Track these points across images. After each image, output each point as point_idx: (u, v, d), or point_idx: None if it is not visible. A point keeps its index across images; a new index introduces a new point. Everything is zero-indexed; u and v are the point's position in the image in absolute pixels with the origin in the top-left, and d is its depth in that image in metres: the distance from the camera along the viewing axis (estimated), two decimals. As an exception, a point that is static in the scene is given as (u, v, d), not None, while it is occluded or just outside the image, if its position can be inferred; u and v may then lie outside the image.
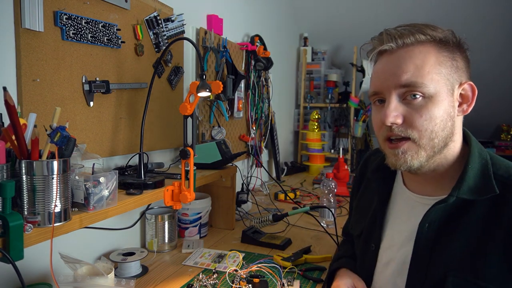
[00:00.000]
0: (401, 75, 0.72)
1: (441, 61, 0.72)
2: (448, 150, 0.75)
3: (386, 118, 0.72)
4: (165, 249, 1.37)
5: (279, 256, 1.27)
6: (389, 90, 0.74)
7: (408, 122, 0.72)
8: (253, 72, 2.28)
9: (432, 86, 0.71)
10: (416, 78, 0.71)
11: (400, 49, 0.74)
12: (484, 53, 3.21)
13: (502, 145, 3.44)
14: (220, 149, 1.53)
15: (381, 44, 0.75)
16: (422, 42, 0.73)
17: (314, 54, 3.58)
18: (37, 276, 1.01)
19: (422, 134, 0.72)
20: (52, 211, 0.79)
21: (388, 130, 0.75)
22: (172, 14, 1.50)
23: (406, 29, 0.74)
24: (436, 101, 0.71)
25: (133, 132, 1.33)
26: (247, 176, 2.36)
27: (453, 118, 0.74)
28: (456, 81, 0.74)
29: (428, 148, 0.73)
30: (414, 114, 0.72)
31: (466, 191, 0.72)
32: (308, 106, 3.37)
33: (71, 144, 0.81)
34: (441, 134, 0.72)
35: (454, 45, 0.75)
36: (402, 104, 0.73)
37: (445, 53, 0.73)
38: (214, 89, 1.11)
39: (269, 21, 2.77)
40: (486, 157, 0.76)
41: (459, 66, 0.75)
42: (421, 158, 0.73)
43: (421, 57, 0.72)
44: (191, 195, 1.11)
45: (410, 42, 0.73)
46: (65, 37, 1.04)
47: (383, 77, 0.75)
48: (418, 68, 0.71)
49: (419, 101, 0.72)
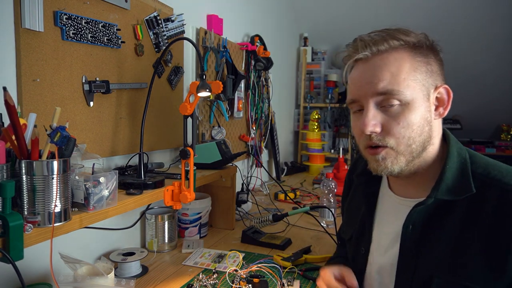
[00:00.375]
0: (378, 83, 0.72)
1: (416, 67, 0.72)
2: (427, 153, 0.76)
3: (365, 128, 0.73)
4: (165, 249, 1.37)
5: (279, 256, 1.27)
6: (367, 98, 0.74)
7: (386, 130, 0.73)
8: (253, 72, 2.28)
9: (408, 93, 0.71)
10: (392, 86, 0.71)
11: (375, 57, 0.74)
12: (484, 53, 3.21)
13: (502, 145, 3.44)
14: (220, 149, 1.53)
15: (356, 52, 0.75)
16: (396, 48, 0.73)
17: (314, 54, 3.58)
18: (37, 276, 1.01)
19: (399, 141, 0.73)
20: (52, 211, 0.79)
21: (367, 139, 0.75)
22: (172, 14, 1.50)
23: (379, 35, 0.74)
24: (413, 107, 0.72)
25: (133, 132, 1.33)
26: (247, 176, 2.36)
27: (430, 123, 0.74)
28: (432, 86, 0.74)
29: (407, 153, 0.74)
30: (392, 122, 0.72)
31: (444, 192, 0.72)
32: (308, 106, 3.37)
33: (71, 144, 0.81)
34: (418, 139, 0.73)
35: (428, 49, 0.75)
36: (380, 112, 0.74)
37: (419, 58, 0.73)
38: (214, 89, 1.11)
39: (269, 21, 2.77)
40: (465, 156, 0.76)
41: (434, 70, 0.75)
42: (401, 163, 0.74)
43: (396, 64, 0.72)
44: (191, 195, 1.11)
45: (384, 49, 0.73)
46: (65, 37, 1.04)
47: (360, 86, 0.75)
48: (394, 75, 0.71)
49: (396, 108, 0.72)
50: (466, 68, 3.26)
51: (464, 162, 0.75)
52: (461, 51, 3.20)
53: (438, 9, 3.00)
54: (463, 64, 3.24)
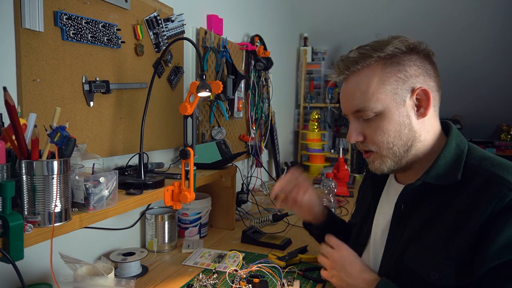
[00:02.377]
0: (352, 102, 0.83)
1: (385, 79, 0.79)
2: (417, 149, 0.82)
3: (349, 139, 0.86)
4: (165, 249, 1.37)
5: (274, 255, 1.28)
6: (348, 114, 0.87)
7: (368, 138, 0.84)
8: (253, 72, 2.28)
9: (379, 105, 0.80)
10: (363, 103, 0.81)
11: (351, 76, 0.83)
12: (484, 53, 3.21)
13: (502, 145, 3.44)
14: (220, 149, 1.53)
15: (335, 74, 0.86)
16: (368, 65, 0.81)
17: (314, 54, 3.58)
18: (37, 276, 1.01)
19: (380, 146, 0.82)
20: (52, 211, 0.79)
21: (358, 145, 0.88)
22: (172, 14, 1.50)
23: (354, 55, 0.82)
24: (386, 116, 0.80)
25: (133, 132, 1.33)
26: (247, 176, 2.36)
27: (410, 125, 0.80)
28: (406, 91, 0.80)
29: (390, 155, 0.82)
30: (370, 131, 0.83)
31: (433, 177, 0.78)
32: (308, 106, 3.37)
33: (71, 144, 0.81)
34: (398, 142, 0.81)
35: (404, 54, 0.80)
36: (361, 122, 0.84)
37: (389, 69, 0.80)
38: (214, 89, 1.11)
39: (269, 21, 2.77)
40: (464, 148, 0.81)
41: (409, 74, 0.80)
42: (388, 164, 0.83)
43: (366, 81, 0.81)
44: (191, 195, 1.11)
45: (357, 69, 0.82)
46: (65, 37, 1.04)
47: (342, 103, 0.88)
48: (363, 93, 0.81)
49: (372, 119, 0.81)
50: (466, 68, 3.26)
51: (460, 153, 0.80)
52: (461, 51, 3.20)
53: (438, 9, 3.00)
54: (463, 64, 3.24)
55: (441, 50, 3.24)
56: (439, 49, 2.95)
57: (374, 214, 0.96)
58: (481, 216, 0.70)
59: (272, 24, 2.82)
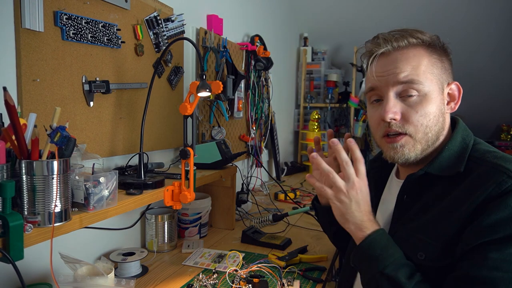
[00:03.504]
0: (399, 73, 0.78)
1: (433, 63, 0.79)
2: (438, 143, 0.82)
3: (386, 114, 0.78)
4: (165, 249, 1.37)
5: (274, 255, 1.28)
6: (388, 87, 0.79)
7: (405, 118, 0.78)
8: (253, 72, 2.28)
9: (427, 84, 0.77)
10: (413, 76, 0.77)
11: (395, 51, 0.79)
12: (484, 53, 3.21)
13: (502, 145, 3.44)
14: (220, 149, 1.53)
15: (378, 47, 0.80)
16: (414, 45, 0.79)
17: (314, 54, 3.58)
18: (37, 276, 1.01)
19: (418, 129, 0.78)
20: (52, 211, 0.79)
21: (386, 127, 0.80)
22: (172, 14, 1.50)
23: (398, 33, 0.80)
24: (430, 98, 0.78)
25: (133, 132, 1.33)
26: (247, 176, 2.36)
27: (444, 114, 0.81)
28: (445, 81, 0.81)
29: (423, 141, 0.79)
30: (411, 111, 0.78)
31: (436, 168, 0.78)
32: (308, 106, 3.37)
33: (71, 144, 0.81)
34: (434, 128, 0.79)
35: (440, 49, 0.82)
36: (399, 101, 0.79)
37: (435, 56, 0.80)
38: (214, 89, 1.11)
39: (269, 21, 2.77)
40: (469, 142, 0.81)
41: (446, 67, 0.82)
42: (417, 151, 0.80)
43: (416, 59, 0.78)
44: (191, 195, 1.11)
45: (404, 45, 0.79)
46: (65, 37, 1.04)
47: (381, 76, 0.80)
48: (415, 67, 0.78)
49: (415, 99, 0.78)
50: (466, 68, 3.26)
51: (465, 147, 0.80)
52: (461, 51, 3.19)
53: (439, 9, 3.00)
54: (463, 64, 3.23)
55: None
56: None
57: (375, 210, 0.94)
58: (476, 199, 0.69)
59: (272, 24, 2.82)
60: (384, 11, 3.12)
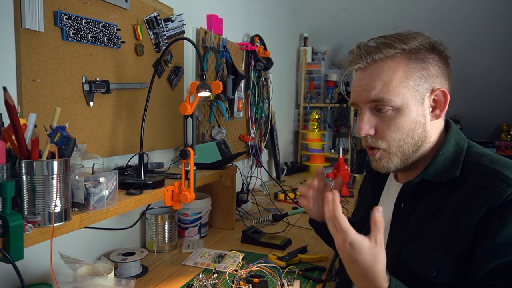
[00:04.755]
0: (370, 91, 0.78)
1: (409, 74, 0.77)
2: (424, 150, 0.81)
3: (361, 131, 0.81)
4: (165, 249, 1.37)
5: (274, 255, 1.28)
6: (362, 103, 0.81)
7: (379, 133, 0.80)
8: (253, 72, 2.28)
9: (399, 100, 0.76)
10: (383, 94, 0.77)
11: (371, 65, 0.79)
12: (484, 53, 3.21)
13: (502, 145, 3.45)
14: (220, 149, 1.53)
15: (354, 61, 0.81)
16: (392, 57, 0.77)
17: (314, 54, 3.58)
18: (37, 276, 1.01)
19: (390, 143, 0.79)
20: (52, 211, 0.79)
21: (364, 140, 0.83)
22: (172, 14, 1.50)
23: (377, 43, 0.78)
24: (403, 112, 0.77)
25: (133, 132, 1.33)
26: (247, 176, 2.36)
27: (424, 125, 0.79)
28: (427, 90, 0.78)
29: (399, 153, 0.80)
30: (384, 126, 0.79)
31: (431, 174, 0.78)
32: (308, 106, 3.37)
33: (71, 144, 0.81)
34: (409, 141, 0.78)
35: (427, 52, 0.78)
36: (375, 116, 0.80)
37: (413, 65, 0.77)
38: (214, 89, 1.11)
39: (269, 21, 2.77)
40: (463, 146, 0.80)
41: (431, 73, 0.78)
42: (395, 162, 0.80)
43: (389, 73, 0.77)
44: (191, 195, 1.11)
45: (379, 58, 0.78)
46: (65, 37, 1.04)
47: (357, 92, 0.82)
48: (386, 84, 0.77)
49: (389, 113, 0.78)
50: (466, 68, 3.26)
51: (459, 151, 0.79)
52: (461, 51, 3.20)
53: (438, 8, 3.00)
54: (463, 64, 3.24)
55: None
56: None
57: None
58: (478, 211, 0.69)
59: (272, 24, 2.82)
60: (384, 11, 3.11)
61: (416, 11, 3.06)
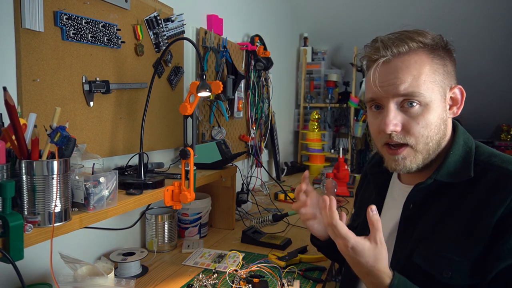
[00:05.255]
0: (400, 85, 0.75)
1: (435, 69, 0.76)
2: (440, 149, 0.80)
3: (387, 127, 0.76)
4: (165, 249, 1.37)
5: (274, 255, 1.28)
6: (388, 98, 0.77)
7: (406, 129, 0.77)
8: (253, 72, 2.28)
9: (427, 95, 0.75)
10: (413, 88, 0.74)
11: (395, 58, 0.76)
12: (485, 53, 3.21)
13: (502, 145, 3.45)
14: (220, 149, 1.53)
15: (377, 54, 0.77)
16: (415, 50, 0.76)
17: (314, 54, 3.58)
18: (37, 276, 1.01)
19: (419, 140, 0.77)
20: (52, 211, 0.79)
21: (387, 137, 0.79)
22: (172, 14, 1.50)
23: (398, 37, 0.77)
24: (431, 108, 0.76)
25: (133, 132, 1.33)
26: (247, 176, 2.36)
27: (446, 121, 0.79)
28: (448, 86, 0.78)
29: (424, 151, 0.78)
30: (412, 122, 0.76)
31: (444, 175, 0.77)
32: (308, 106, 3.37)
33: (71, 144, 0.81)
34: (435, 137, 0.77)
35: (443, 50, 0.79)
36: (400, 112, 0.77)
37: (437, 60, 0.77)
38: (214, 89, 1.11)
39: (269, 21, 2.77)
40: (472, 145, 0.80)
41: (449, 70, 0.79)
42: (418, 161, 0.79)
43: (417, 67, 0.75)
44: (191, 195, 1.11)
45: (404, 51, 0.76)
46: (65, 37, 1.04)
47: (381, 86, 0.77)
48: (415, 78, 0.75)
49: (416, 109, 0.76)
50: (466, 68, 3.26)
51: (469, 150, 0.79)
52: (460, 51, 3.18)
53: (438, 8, 3.00)
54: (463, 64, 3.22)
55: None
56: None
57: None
58: (495, 213, 0.69)
59: (272, 24, 2.82)
60: (384, 11, 3.12)
61: (416, 11, 3.06)
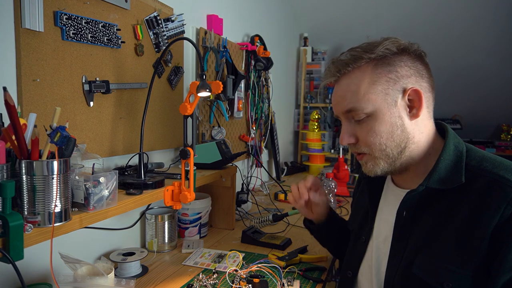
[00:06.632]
0: (342, 102, 0.83)
1: (375, 80, 0.79)
2: (412, 151, 0.81)
3: (341, 141, 0.85)
4: (165, 249, 1.37)
5: (274, 255, 1.28)
6: (339, 115, 0.86)
7: (360, 140, 0.83)
8: (253, 72, 2.28)
9: (370, 106, 0.79)
10: (353, 103, 0.80)
11: (342, 77, 0.83)
12: (484, 53, 3.21)
13: (502, 145, 3.44)
14: (220, 149, 1.53)
15: (329, 77, 0.86)
16: (359, 67, 0.80)
17: (314, 54, 3.58)
18: (37, 276, 1.01)
19: (372, 148, 0.81)
20: (52, 211, 0.79)
21: (350, 147, 0.87)
22: (172, 14, 1.50)
23: (345, 57, 0.83)
24: (377, 117, 0.79)
25: (133, 132, 1.33)
26: (247, 176, 2.36)
27: (403, 126, 0.79)
28: (398, 92, 0.79)
29: (383, 157, 0.81)
30: (362, 133, 0.82)
31: (435, 181, 0.77)
32: (308, 106, 3.37)
33: (71, 144, 0.81)
34: (391, 143, 0.79)
35: (395, 55, 0.80)
36: (354, 124, 0.83)
37: (379, 70, 0.79)
38: (214, 89, 1.11)
39: (269, 21, 2.77)
40: (462, 149, 0.80)
41: (400, 75, 0.79)
42: (382, 165, 0.82)
43: (356, 82, 0.80)
44: (191, 195, 1.11)
45: (348, 71, 0.82)
46: (65, 37, 1.04)
47: (334, 105, 0.88)
48: (354, 93, 0.80)
49: (364, 120, 0.81)
50: (467, 68, 3.27)
51: (459, 155, 0.79)
52: (461, 51, 3.20)
53: (439, 10, 3.00)
54: (463, 64, 3.24)
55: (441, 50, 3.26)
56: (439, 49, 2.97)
57: (373, 221, 0.93)
58: (491, 221, 0.68)
59: (272, 24, 2.82)
60: (384, 11, 3.12)
61: (416, 12, 3.05)
